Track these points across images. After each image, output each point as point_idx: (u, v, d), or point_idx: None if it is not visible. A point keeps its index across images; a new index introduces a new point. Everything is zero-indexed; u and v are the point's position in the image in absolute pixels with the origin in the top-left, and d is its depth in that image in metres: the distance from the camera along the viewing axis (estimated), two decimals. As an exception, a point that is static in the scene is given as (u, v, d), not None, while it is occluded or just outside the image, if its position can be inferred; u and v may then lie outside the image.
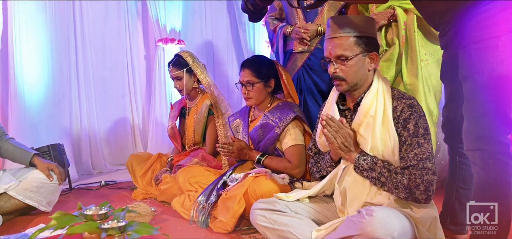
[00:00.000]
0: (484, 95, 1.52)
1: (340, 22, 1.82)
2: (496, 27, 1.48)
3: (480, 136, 1.55)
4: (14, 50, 3.35)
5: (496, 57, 1.48)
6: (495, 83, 1.49)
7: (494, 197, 1.53)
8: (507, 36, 1.47)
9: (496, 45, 1.48)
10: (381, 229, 1.52)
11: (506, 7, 1.47)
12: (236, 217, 2.18)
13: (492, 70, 1.49)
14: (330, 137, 1.83)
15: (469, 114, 1.60)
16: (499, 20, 1.48)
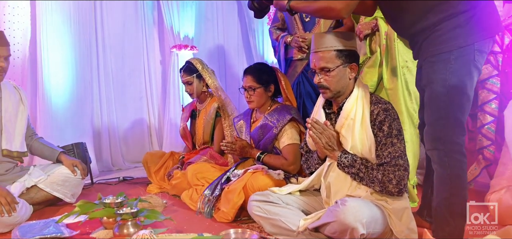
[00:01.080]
0: (439, 102, 1.76)
1: (323, 38, 2.07)
2: (448, 43, 1.73)
3: (437, 137, 1.79)
4: (42, 57, 3.71)
5: (448, 68, 1.72)
6: (448, 91, 1.73)
7: (449, 190, 1.76)
8: (458, 50, 1.71)
9: (448, 59, 1.73)
10: (351, 216, 1.77)
11: (455, 27, 1.71)
12: (236, 208, 2.46)
13: (444, 80, 1.74)
14: (315, 138, 2.08)
15: (427, 119, 1.84)
16: (449, 37, 1.72)
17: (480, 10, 1.74)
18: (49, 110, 3.75)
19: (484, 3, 1.77)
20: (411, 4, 1.85)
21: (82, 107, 4.05)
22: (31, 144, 2.92)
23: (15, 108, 2.78)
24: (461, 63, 1.74)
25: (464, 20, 1.73)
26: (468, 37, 1.73)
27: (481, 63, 1.78)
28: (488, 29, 1.77)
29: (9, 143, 2.69)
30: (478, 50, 1.75)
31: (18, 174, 2.73)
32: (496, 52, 3.09)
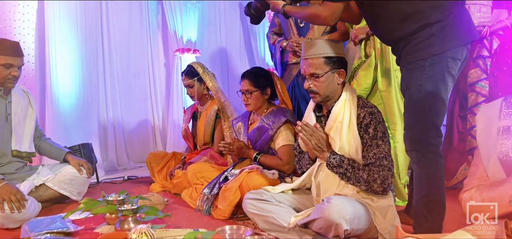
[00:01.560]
0: (415, 106, 1.88)
1: (312, 45, 2.20)
2: (423, 51, 1.85)
3: (414, 139, 1.90)
4: (50, 62, 3.87)
5: (423, 75, 1.84)
6: (423, 96, 1.85)
7: (426, 188, 1.88)
8: (432, 58, 1.82)
9: (423, 66, 1.85)
10: (335, 213, 1.90)
11: (430, 36, 1.83)
12: (232, 205, 2.59)
13: (420, 85, 1.85)
14: (305, 140, 2.20)
15: (405, 121, 1.96)
16: (424, 45, 1.84)
17: (453, 19, 1.85)
18: (57, 112, 3.91)
19: (458, 13, 1.88)
20: (387, 13, 1.96)
21: (89, 109, 4.21)
22: (39, 145, 3.07)
23: (24, 111, 2.93)
24: (436, 70, 1.85)
25: (437, 30, 1.84)
26: (442, 45, 1.83)
27: (455, 69, 1.89)
28: (460, 37, 1.87)
29: (18, 144, 2.85)
30: (451, 57, 1.86)
31: (27, 173, 2.88)
32: (485, 57, 3.19)
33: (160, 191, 3.40)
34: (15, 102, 2.88)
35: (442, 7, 1.85)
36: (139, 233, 1.62)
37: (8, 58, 2.69)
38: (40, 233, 1.99)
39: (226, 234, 2.28)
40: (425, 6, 1.85)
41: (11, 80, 2.76)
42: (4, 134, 2.79)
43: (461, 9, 1.92)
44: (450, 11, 1.85)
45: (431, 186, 1.88)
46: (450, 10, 1.86)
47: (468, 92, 3.20)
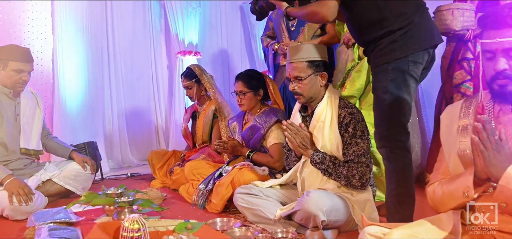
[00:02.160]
0: (382, 106, 2.03)
1: (296, 50, 2.36)
2: (387, 56, 2.01)
3: (383, 136, 2.06)
4: (58, 65, 4.08)
5: (388, 78, 2.00)
6: (388, 97, 2.00)
7: (396, 182, 2.03)
8: (394, 62, 1.98)
9: (387, 69, 2.00)
10: (313, 205, 2.05)
11: (393, 41, 1.98)
12: (224, 200, 2.76)
13: (385, 87, 2.01)
14: (290, 138, 2.36)
15: (375, 121, 2.12)
16: (388, 51, 2.00)
17: (414, 27, 2.00)
18: (64, 113, 4.12)
19: (420, 21, 2.03)
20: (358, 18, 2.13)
21: (94, 109, 4.42)
22: (46, 143, 3.27)
23: (32, 112, 3.12)
24: (398, 73, 2.00)
25: (399, 36, 1.99)
26: (403, 51, 1.99)
27: (417, 72, 2.04)
28: (421, 43, 2.02)
29: (26, 142, 3.04)
30: (412, 61, 2.00)
31: (35, 169, 3.08)
32: (469, 59, 3.31)
33: (160, 187, 3.57)
34: (24, 103, 3.07)
35: (405, 15, 2.00)
36: (131, 221, 1.79)
37: (19, 64, 2.89)
38: (44, 222, 2.18)
39: (217, 225, 2.46)
40: (390, 14, 2.01)
41: (21, 84, 2.96)
42: (13, 133, 2.99)
43: (423, 17, 2.07)
44: (412, 20, 2.00)
45: (400, 179, 2.03)
46: (412, 18, 2.01)
47: (453, 93, 3.31)
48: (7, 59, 2.88)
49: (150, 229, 2.02)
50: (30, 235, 2.07)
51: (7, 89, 2.95)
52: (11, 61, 2.88)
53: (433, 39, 2.08)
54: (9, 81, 2.91)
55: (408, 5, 2.03)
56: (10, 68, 2.88)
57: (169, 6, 4.80)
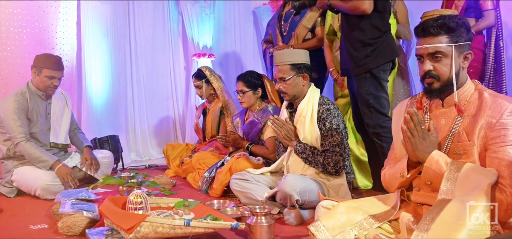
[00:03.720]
0: (366, 104, 2.66)
1: (280, 54, 2.72)
2: (363, 67, 2.65)
3: (371, 125, 2.73)
4: (85, 67, 4.59)
5: (366, 84, 2.69)
6: (369, 97, 2.66)
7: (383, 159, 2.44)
8: (369, 72, 2.64)
9: (365, 77, 2.67)
10: (288, 186, 2.41)
11: (366, 56, 2.57)
12: (223, 185, 3.14)
13: (366, 91, 2.67)
14: (276, 131, 2.73)
15: (363, 116, 2.77)
16: (363, 64, 2.65)
17: (381, 44, 2.69)
18: (90, 109, 4.62)
19: (385, 39, 2.73)
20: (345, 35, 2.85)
21: (117, 107, 4.91)
22: (72, 137, 3.72)
23: (61, 110, 3.58)
24: (373, 79, 2.68)
25: (371, 51, 2.67)
26: (374, 63, 2.68)
27: (386, 77, 2.78)
28: (386, 56, 2.73)
29: (55, 137, 3.51)
30: (382, 70, 2.72)
31: (63, 157, 3.55)
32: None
33: (173, 175, 4.00)
34: (54, 103, 3.53)
35: (374, 34, 2.70)
36: (135, 196, 2.20)
37: (52, 72, 3.35)
38: (69, 198, 2.62)
39: (214, 206, 2.85)
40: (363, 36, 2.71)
41: (52, 89, 3.42)
42: (44, 130, 3.46)
43: (386, 36, 2.75)
44: (378, 39, 2.71)
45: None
46: (380, 39, 2.72)
47: None
48: (41, 67, 3.33)
49: (153, 205, 2.44)
50: (57, 209, 2.51)
51: (40, 92, 3.41)
52: (45, 69, 3.33)
53: (395, 54, 2.79)
54: (42, 85, 3.37)
55: (383, 26, 2.72)
56: (43, 74, 3.34)
57: (186, 12, 5.22)
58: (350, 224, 1.80)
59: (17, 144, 3.22)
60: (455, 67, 1.78)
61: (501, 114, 1.68)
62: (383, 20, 2.72)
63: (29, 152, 3.22)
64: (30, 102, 3.34)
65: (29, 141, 3.25)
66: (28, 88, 3.39)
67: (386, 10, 2.75)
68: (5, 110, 3.24)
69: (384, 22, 2.73)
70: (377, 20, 2.69)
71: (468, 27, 1.84)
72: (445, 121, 1.84)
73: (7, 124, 3.24)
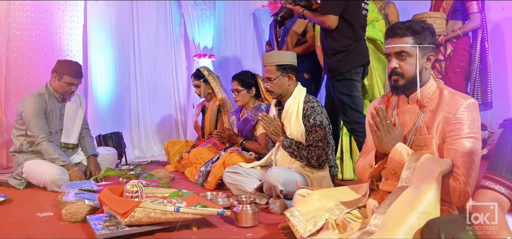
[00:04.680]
0: (342, 103, 3.02)
1: (268, 56, 2.92)
2: (337, 71, 3.00)
3: (348, 121, 3.02)
4: (91, 68, 4.83)
5: (341, 86, 3.00)
6: (344, 97, 3.01)
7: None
8: (342, 75, 2.97)
9: (339, 80, 3.00)
10: (273, 177, 2.61)
11: (339, 61, 2.82)
12: (217, 178, 3.34)
13: (341, 92, 2.96)
14: (265, 127, 2.92)
15: (340, 113, 3.07)
16: (337, 67, 2.98)
17: (353, 50, 3.05)
18: (96, 107, 4.87)
19: (356, 46, 3.10)
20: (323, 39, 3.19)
21: (121, 105, 5.16)
22: (81, 139, 3.89)
23: (75, 112, 3.77)
24: (346, 82, 3.03)
25: (343, 57, 3.02)
26: (346, 67, 3.04)
27: (358, 78, 3.13)
28: (357, 61, 3.11)
29: (67, 137, 3.71)
30: (354, 72, 3.09)
31: (70, 153, 3.76)
32: (441, 60, 3.75)
33: (172, 170, 4.21)
34: (68, 105, 3.72)
35: (346, 43, 3.06)
36: (131, 185, 2.40)
37: (72, 79, 3.54)
38: (73, 189, 2.84)
39: (207, 197, 3.05)
40: (336, 44, 3.05)
41: (69, 94, 3.62)
42: (57, 130, 3.65)
43: (358, 43, 3.12)
44: (349, 46, 3.06)
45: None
46: (350, 46, 3.07)
47: None
48: (62, 73, 3.51)
49: (150, 194, 2.65)
50: (61, 198, 2.73)
51: (58, 95, 3.60)
52: (65, 75, 3.50)
53: (365, 59, 3.16)
54: (61, 89, 3.56)
55: (354, 35, 3.10)
56: (63, 80, 3.52)
57: (187, 14, 5.44)
58: (322, 210, 1.99)
59: (39, 144, 3.43)
60: (419, 66, 1.96)
61: (457, 110, 1.86)
62: (354, 31, 3.11)
63: (49, 152, 3.43)
64: (48, 103, 3.54)
65: (50, 142, 3.46)
66: (47, 89, 3.58)
67: (358, 22, 3.12)
68: (26, 110, 3.44)
69: (355, 32, 3.11)
70: (348, 31, 3.09)
71: (432, 31, 2.02)
72: (410, 116, 2.03)
73: (29, 123, 3.43)
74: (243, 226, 2.36)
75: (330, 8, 3.10)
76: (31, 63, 4.49)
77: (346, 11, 3.10)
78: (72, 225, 2.46)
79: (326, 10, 3.12)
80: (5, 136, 4.36)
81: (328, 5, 3.12)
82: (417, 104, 1.99)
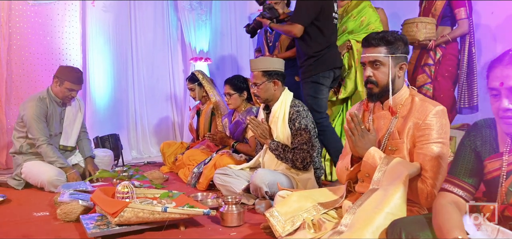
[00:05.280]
0: (311, 104, 3.10)
1: (254, 62, 3.04)
2: (307, 74, 3.20)
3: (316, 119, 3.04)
4: (89, 71, 4.95)
5: (309, 88, 3.17)
6: (312, 99, 3.16)
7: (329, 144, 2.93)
8: (311, 77, 3.19)
9: (308, 82, 3.20)
10: (258, 179, 2.72)
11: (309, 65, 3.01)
12: (208, 179, 3.45)
13: (307, 94, 3.17)
14: (253, 130, 3.04)
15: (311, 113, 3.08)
16: (306, 71, 3.19)
17: (323, 55, 3.26)
18: (94, 110, 5.01)
19: (326, 52, 3.34)
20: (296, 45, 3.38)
21: (119, 108, 5.29)
22: (78, 141, 4.01)
23: (74, 115, 3.88)
24: (313, 84, 3.27)
25: (313, 62, 3.23)
26: (315, 71, 3.24)
27: (327, 84, 3.37)
28: (326, 66, 3.34)
29: (65, 140, 3.82)
30: (322, 76, 3.31)
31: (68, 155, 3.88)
32: (430, 64, 3.82)
33: (168, 171, 4.33)
34: (68, 109, 3.83)
35: (317, 48, 3.27)
36: (123, 186, 2.52)
37: (73, 85, 3.66)
38: (69, 189, 2.96)
39: (198, 198, 3.17)
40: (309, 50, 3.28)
41: (69, 99, 3.74)
42: (57, 133, 3.77)
43: (328, 49, 3.34)
44: (320, 52, 3.28)
45: (331, 141, 3.20)
46: (322, 52, 3.28)
47: None
48: (64, 79, 3.62)
49: (141, 195, 2.76)
50: (56, 198, 2.84)
51: (58, 99, 3.72)
52: (66, 81, 3.62)
53: (334, 64, 3.38)
54: (61, 94, 3.68)
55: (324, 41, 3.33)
56: (64, 86, 3.63)
57: (184, 18, 5.56)
58: (300, 210, 2.10)
59: (39, 146, 3.56)
60: (391, 75, 2.08)
61: (426, 116, 1.97)
62: (325, 37, 3.34)
63: (49, 155, 3.56)
64: (49, 107, 3.67)
65: (49, 144, 3.59)
66: (48, 94, 3.69)
67: (328, 30, 3.40)
68: (27, 113, 3.55)
69: (326, 39, 3.34)
70: (320, 38, 3.32)
71: (405, 41, 2.13)
72: (384, 122, 2.14)
73: (30, 126, 3.55)
74: (229, 225, 2.48)
75: (300, 18, 3.36)
76: (31, 67, 4.62)
77: (318, 19, 3.34)
78: (66, 224, 2.58)
79: (295, 19, 3.39)
80: (6, 138, 4.49)
81: (298, 15, 3.38)
82: (389, 111, 2.10)
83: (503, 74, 1.40)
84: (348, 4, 3.77)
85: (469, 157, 1.61)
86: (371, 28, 3.63)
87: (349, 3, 3.78)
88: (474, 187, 1.59)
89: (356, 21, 3.70)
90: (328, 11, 3.41)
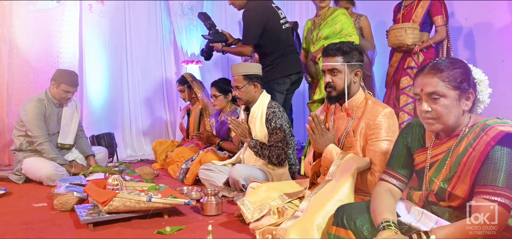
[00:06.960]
0: None
1: (235, 67, 3.32)
2: (266, 79, 3.49)
3: None
4: (85, 73, 5.23)
5: (270, 94, 3.39)
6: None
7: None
8: (268, 83, 3.59)
9: (268, 85, 3.48)
10: (236, 173, 3.01)
11: (266, 71, 3.54)
12: (194, 174, 3.73)
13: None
14: (234, 129, 3.32)
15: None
16: (265, 76, 3.50)
17: (280, 62, 3.66)
18: (91, 110, 5.29)
19: (282, 60, 3.73)
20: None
21: (114, 108, 5.57)
22: (77, 140, 4.30)
23: (71, 115, 4.17)
24: (270, 88, 3.56)
25: (269, 69, 3.63)
26: (270, 77, 3.65)
27: (282, 89, 3.76)
28: (281, 73, 3.72)
29: (63, 139, 4.09)
30: (276, 82, 3.71)
31: (65, 152, 4.17)
32: (413, 67, 4.06)
33: (159, 168, 4.61)
34: (65, 109, 4.11)
35: (272, 58, 3.66)
36: (113, 179, 2.81)
37: (69, 87, 3.94)
38: (65, 183, 3.25)
39: (183, 191, 3.44)
40: (265, 61, 3.67)
41: (66, 100, 4.03)
42: (54, 132, 4.04)
43: (283, 58, 3.71)
44: (275, 61, 3.69)
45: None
46: (276, 60, 3.68)
47: (400, 95, 4.09)
48: (60, 81, 3.90)
49: (130, 188, 3.05)
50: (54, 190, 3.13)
51: (56, 100, 4.00)
52: (63, 84, 3.90)
53: (289, 71, 3.75)
54: (58, 96, 3.96)
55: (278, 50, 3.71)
56: (61, 88, 3.91)
57: (176, 23, 5.83)
58: (268, 199, 2.39)
59: (40, 144, 3.84)
60: (347, 81, 2.36)
61: (376, 116, 2.26)
62: (280, 45, 3.73)
63: (48, 152, 3.85)
64: (47, 108, 3.94)
65: (49, 142, 3.88)
66: (46, 95, 3.97)
67: (281, 36, 3.77)
68: (27, 114, 3.83)
69: (281, 47, 3.76)
70: (274, 47, 3.73)
71: (360, 51, 2.41)
72: (342, 122, 2.42)
73: (30, 126, 3.82)
74: (208, 214, 2.76)
75: (247, 39, 3.79)
76: (31, 69, 4.90)
77: (267, 30, 3.71)
78: (62, 213, 2.87)
79: (244, 41, 3.83)
80: (7, 136, 4.77)
81: (246, 36, 3.79)
82: (345, 112, 2.38)
83: (423, 82, 1.67)
84: (324, 13, 4.05)
85: (402, 152, 1.89)
86: (344, 34, 3.89)
87: (326, 12, 4.06)
88: (406, 177, 1.88)
89: (331, 28, 3.97)
90: (274, 19, 3.78)
